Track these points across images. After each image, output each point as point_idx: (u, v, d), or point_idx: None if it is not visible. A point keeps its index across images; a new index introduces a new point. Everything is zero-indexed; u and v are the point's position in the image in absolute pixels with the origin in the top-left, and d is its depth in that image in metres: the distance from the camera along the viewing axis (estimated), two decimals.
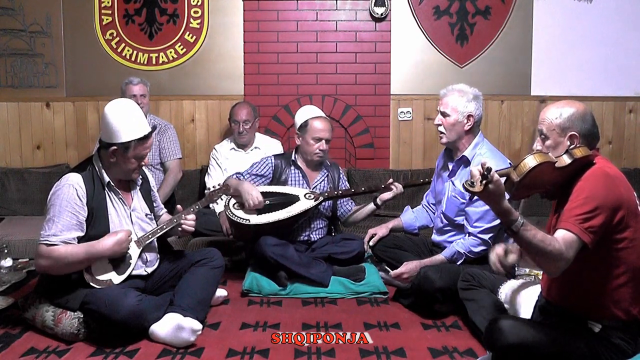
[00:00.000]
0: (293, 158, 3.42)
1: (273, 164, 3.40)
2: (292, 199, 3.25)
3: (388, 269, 2.99)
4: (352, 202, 3.53)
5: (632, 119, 4.62)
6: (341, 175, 3.55)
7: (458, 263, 2.84)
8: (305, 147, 3.37)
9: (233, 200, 3.28)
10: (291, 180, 3.38)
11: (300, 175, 3.40)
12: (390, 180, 3.29)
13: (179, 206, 2.81)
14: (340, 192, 3.36)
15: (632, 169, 4.45)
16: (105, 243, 2.46)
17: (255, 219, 3.17)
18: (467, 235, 2.86)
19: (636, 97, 4.60)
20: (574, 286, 1.90)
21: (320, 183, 3.42)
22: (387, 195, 3.26)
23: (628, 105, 4.61)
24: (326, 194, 3.30)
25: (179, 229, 2.73)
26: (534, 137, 2.02)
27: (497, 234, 2.84)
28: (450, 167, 2.99)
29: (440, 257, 2.90)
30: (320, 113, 3.46)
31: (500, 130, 4.56)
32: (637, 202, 1.89)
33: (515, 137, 4.58)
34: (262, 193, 3.24)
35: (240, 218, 3.18)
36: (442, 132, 2.94)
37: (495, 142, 4.53)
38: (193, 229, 2.76)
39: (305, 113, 3.43)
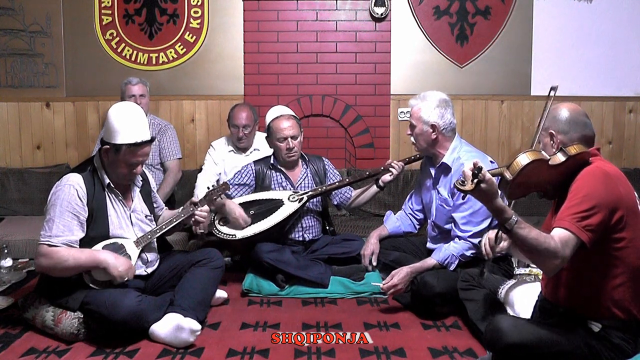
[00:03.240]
0: (272, 161, 3.39)
1: (254, 171, 3.38)
2: (276, 204, 3.22)
3: (379, 284, 2.93)
4: (350, 189, 3.49)
5: (632, 119, 4.62)
6: (327, 166, 3.50)
7: (451, 268, 2.80)
8: (276, 151, 3.36)
9: (218, 216, 3.24)
10: (274, 184, 3.35)
11: (282, 177, 3.37)
12: (388, 162, 3.26)
13: (194, 198, 2.81)
14: (324, 187, 3.31)
15: (632, 169, 4.45)
16: (109, 257, 2.46)
17: (241, 233, 3.15)
18: (458, 238, 2.83)
19: (636, 97, 4.60)
20: (574, 286, 1.90)
21: (303, 180, 3.39)
22: (387, 177, 3.23)
23: (628, 105, 4.61)
24: (310, 193, 3.27)
25: (192, 219, 2.74)
26: (535, 137, 2.03)
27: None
28: (433, 173, 2.98)
29: (431, 261, 2.83)
30: (282, 112, 3.38)
31: (500, 130, 4.56)
32: (637, 202, 1.88)
33: (515, 137, 4.58)
34: (246, 203, 3.23)
35: (226, 234, 3.16)
36: (413, 142, 2.96)
37: (495, 142, 4.54)
38: (204, 220, 2.76)
39: (269, 117, 3.39)
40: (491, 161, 2.84)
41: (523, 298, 2.34)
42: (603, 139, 4.56)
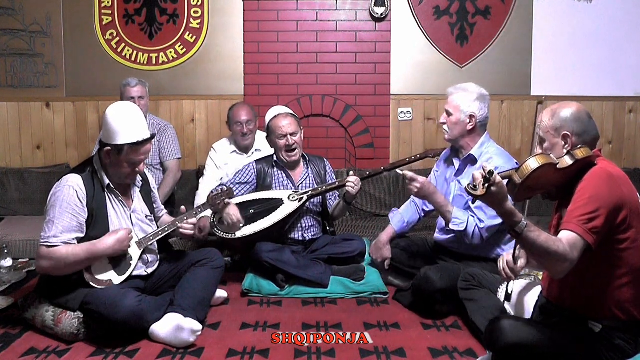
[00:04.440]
0: (275, 159, 3.40)
1: (255, 170, 3.38)
2: (276, 204, 3.22)
3: (399, 171, 2.92)
4: (336, 197, 3.49)
5: (632, 119, 4.62)
6: (327, 168, 3.52)
7: (450, 226, 2.80)
8: (277, 151, 3.37)
9: (217, 216, 3.23)
10: (275, 182, 3.36)
11: (284, 175, 3.38)
12: (351, 174, 3.25)
13: (182, 207, 2.78)
14: (324, 187, 3.31)
15: (632, 169, 4.45)
16: (106, 242, 2.46)
17: (241, 232, 3.15)
18: (477, 226, 2.82)
19: (636, 97, 4.60)
20: (576, 286, 1.90)
21: (304, 180, 3.40)
22: (348, 193, 3.24)
23: (628, 105, 4.61)
24: (310, 192, 3.28)
25: (180, 231, 2.73)
26: (534, 137, 2.03)
27: (497, 235, 2.84)
28: (457, 165, 2.99)
29: (451, 207, 2.85)
30: (281, 111, 3.41)
31: (500, 130, 4.56)
32: None
33: (515, 137, 4.58)
34: (246, 202, 3.23)
35: (226, 233, 3.16)
36: (445, 130, 2.97)
37: (495, 142, 4.53)
38: (191, 232, 2.74)
39: (268, 118, 3.41)
40: (517, 162, 2.85)
41: (523, 298, 2.33)
42: (603, 139, 4.56)
